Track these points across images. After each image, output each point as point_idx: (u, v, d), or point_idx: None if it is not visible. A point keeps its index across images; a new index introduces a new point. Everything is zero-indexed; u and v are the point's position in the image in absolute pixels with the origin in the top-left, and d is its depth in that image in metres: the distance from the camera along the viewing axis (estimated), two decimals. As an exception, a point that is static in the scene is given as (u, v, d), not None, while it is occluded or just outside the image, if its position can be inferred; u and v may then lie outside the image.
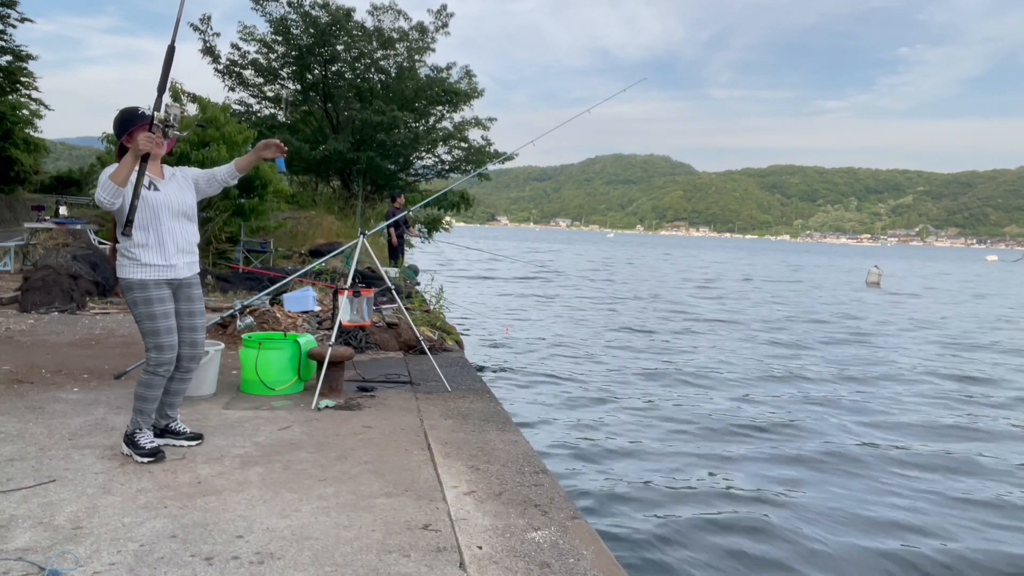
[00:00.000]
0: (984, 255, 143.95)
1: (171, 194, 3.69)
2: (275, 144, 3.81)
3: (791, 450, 7.50)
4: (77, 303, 8.59)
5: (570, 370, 11.39)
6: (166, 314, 3.63)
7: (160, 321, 3.61)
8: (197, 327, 3.83)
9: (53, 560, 2.58)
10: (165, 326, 3.62)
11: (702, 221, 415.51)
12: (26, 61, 27.00)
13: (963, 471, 7.06)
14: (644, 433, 7.91)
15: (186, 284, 3.77)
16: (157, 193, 3.63)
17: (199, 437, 3.95)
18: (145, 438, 3.69)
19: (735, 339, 15.75)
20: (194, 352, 3.85)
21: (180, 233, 3.70)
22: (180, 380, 3.86)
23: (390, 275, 9.35)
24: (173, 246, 3.67)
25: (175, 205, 3.69)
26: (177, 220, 3.69)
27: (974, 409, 9.82)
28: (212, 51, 22.26)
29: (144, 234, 3.58)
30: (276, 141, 3.83)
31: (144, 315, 3.58)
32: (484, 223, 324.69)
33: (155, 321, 3.60)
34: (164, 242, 3.63)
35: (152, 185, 3.62)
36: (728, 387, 10.58)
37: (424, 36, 22.74)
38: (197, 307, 3.83)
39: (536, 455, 4.11)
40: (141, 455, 3.62)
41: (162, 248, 3.63)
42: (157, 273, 3.61)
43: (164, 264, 3.63)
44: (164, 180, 3.72)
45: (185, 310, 3.77)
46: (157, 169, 3.72)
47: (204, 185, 3.93)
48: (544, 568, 2.72)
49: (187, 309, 3.78)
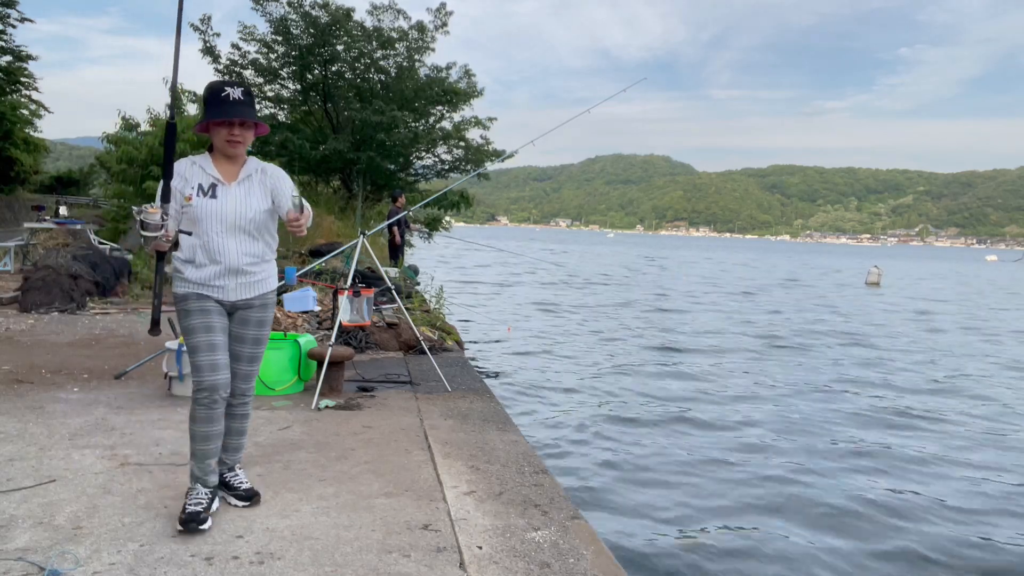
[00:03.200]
0: (984, 255, 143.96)
1: (229, 203, 2.98)
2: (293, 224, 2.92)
3: (792, 451, 7.49)
4: (77, 303, 8.59)
5: (570, 370, 11.39)
6: (207, 327, 2.99)
7: (198, 336, 2.98)
8: (241, 356, 3.12)
9: (53, 560, 2.58)
10: (205, 342, 2.97)
11: (702, 221, 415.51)
12: (26, 61, 27.02)
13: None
14: (645, 433, 7.90)
15: (242, 307, 3.09)
16: (212, 201, 2.96)
17: (253, 497, 3.20)
18: (192, 497, 2.99)
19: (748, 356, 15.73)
20: (233, 384, 3.13)
21: (234, 250, 2.99)
22: (229, 416, 3.16)
23: (390, 275, 9.35)
24: (220, 266, 2.99)
25: (230, 216, 2.98)
26: (231, 235, 2.99)
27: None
28: (212, 51, 22.25)
29: (189, 248, 2.98)
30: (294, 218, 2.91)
31: (184, 330, 3.03)
32: (484, 223, 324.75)
33: (192, 336, 3.00)
34: (210, 259, 2.98)
35: (211, 190, 2.97)
36: (734, 389, 10.58)
37: (424, 35, 22.74)
38: (249, 333, 3.12)
39: (536, 455, 4.12)
40: (180, 517, 2.92)
41: (205, 267, 2.99)
42: (200, 292, 3.02)
43: (206, 283, 3.00)
44: (233, 183, 3.01)
45: (234, 333, 3.11)
46: (229, 167, 3.04)
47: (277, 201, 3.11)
48: (544, 568, 2.72)
49: (236, 332, 3.11)
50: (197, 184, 2.97)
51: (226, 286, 3.02)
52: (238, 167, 3.05)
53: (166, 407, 4.74)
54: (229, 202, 2.99)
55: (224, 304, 3.05)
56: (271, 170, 3.13)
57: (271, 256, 3.17)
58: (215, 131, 2.98)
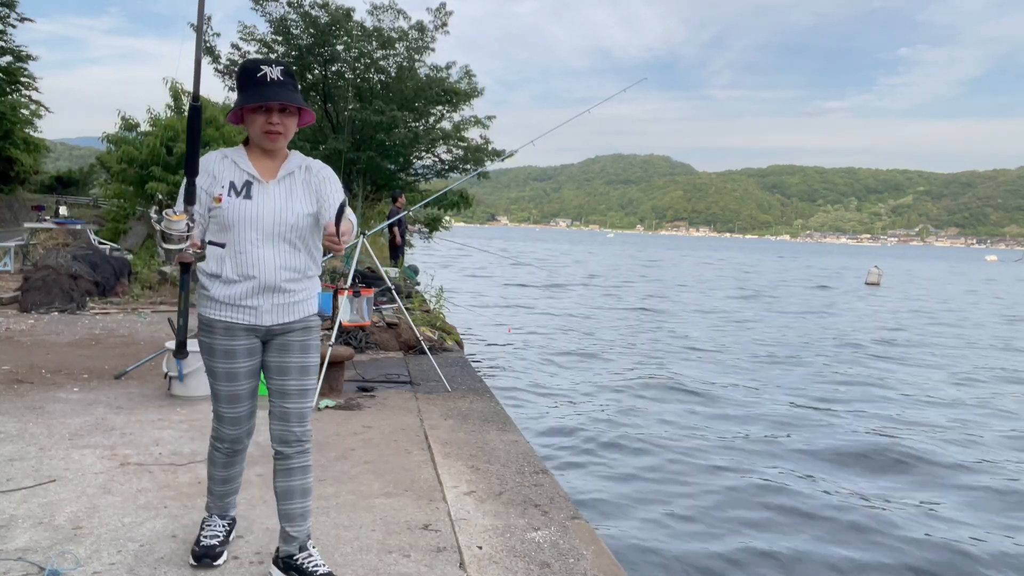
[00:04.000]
0: (984, 255, 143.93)
1: (267, 205, 2.43)
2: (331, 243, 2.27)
3: (793, 452, 7.49)
4: (77, 303, 8.59)
5: (571, 370, 11.39)
6: (230, 374, 2.50)
7: (221, 383, 2.52)
8: (288, 391, 2.53)
9: (53, 560, 2.58)
10: (227, 392, 2.53)
11: (702, 221, 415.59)
12: (26, 62, 27.03)
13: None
14: (646, 433, 7.90)
15: (279, 332, 2.51)
16: (246, 203, 2.41)
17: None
18: (207, 529, 2.70)
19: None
20: (284, 429, 2.54)
21: (271, 263, 2.43)
22: (280, 473, 2.57)
23: (390, 275, 9.35)
24: (253, 282, 2.43)
25: (268, 221, 2.42)
26: (268, 244, 2.43)
27: None
28: (212, 51, 22.25)
29: (216, 260, 2.43)
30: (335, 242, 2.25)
31: (206, 368, 2.54)
32: (484, 223, 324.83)
33: (213, 380, 2.54)
34: (241, 274, 2.42)
35: (245, 189, 2.43)
36: (733, 384, 10.58)
37: (424, 35, 22.74)
38: (293, 362, 2.53)
39: (536, 455, 4.12)
40: (193, 549, 2.65)
41: (235, 283, 2.43)
42: (228, 314, 2.45)
43: (237, 304, 2.44)
44: (273, 181, 2.47)
45: (275, 364, 2.53)
46: (267, 163, 2.50)
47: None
48: (544, 568, 2.72)
49: (277, 363, 2.53)
50: (228, 182, 2.44)
51: (260, 307, 2.45)
52: (278, 163, 2.51)
53: (166, 407, 4.74)
54: (267, 204, 2.43)
55: (257, 330, 2.49)
56: (316, 168, 2.57)
57: (315, 271, 2.60)
58: (250, 119, 2.45)
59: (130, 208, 13.89)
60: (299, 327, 2.54)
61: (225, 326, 2.46)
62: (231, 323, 2.46)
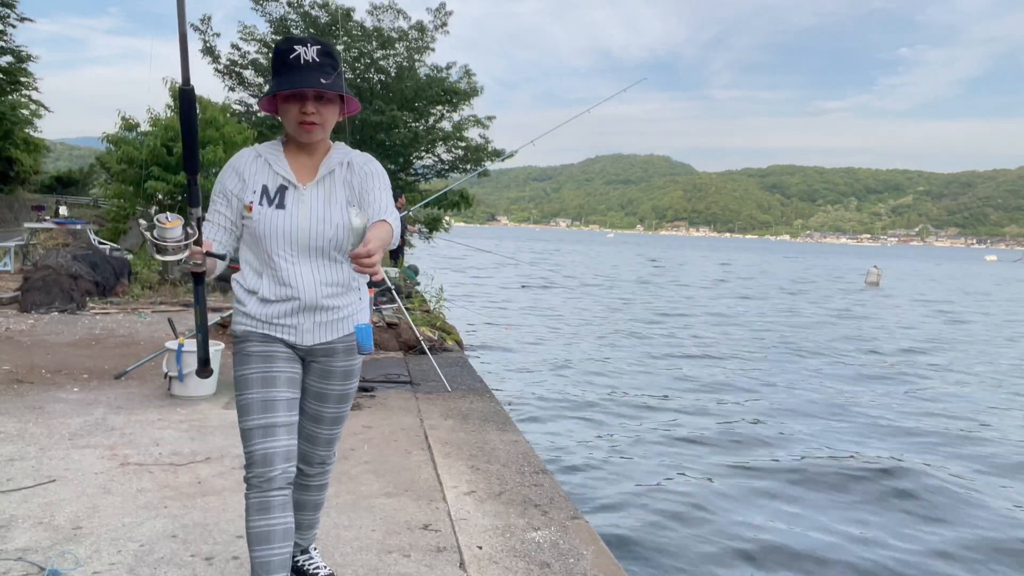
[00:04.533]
0: (984, 255, 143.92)
1: (302, 214, 2.10)
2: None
3: (795, 453, 7.50)
4: (77, 303, 8.59)
5: (571, 369, 11.39)
6: (266, 379, 2.13)
7: (252, 391, 2.12)
8: (323, 417, 2.29)
9: (53, 560, 2.58)
10: (260, 399, 2.11)
11: (702, 221, 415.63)
12: (26, 62, 27.04)
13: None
14: (646, 433, 7.90)
15: (321, 353, 2.22)
16: (278, 213, 2.10)
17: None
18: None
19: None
20: (310, 451, 2.33)
21: (310, 279, 2.12)
22: (297, 487, 2.32)
23: (390, 275, 9.35)
24: (293, 302, 2.13)
25: (303, 234, 2.10)
26: (305, 259, 2.12)
27: None
28: (212, 51, 22.26)
29: (254, 274, 2.15)
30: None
31: (237, 381, 2.16)
32: (484, 223, 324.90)
33: (244, 391, 2.13)
34: (278, 293, 2.12)
35: (278, 196, 2.11)
36: (735, 391, 10.58)
37: (423, 35, 22.75)
38: (333, 390, 2.26)
39: (536, 455, 4.12)
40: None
41: (272, 303, 2.13)
42: (265, 329, 2.16)
43: (274, 322, 2.15)
44: (310, 184, 2.14)
45: (314, 389, 2.26)
46: (306, 160, 2.17)
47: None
48: (544, 568, 2.72)
49: (316, 389, 2.26)
50: (261, 186, 2.11)
51: (300, 326, 2.15)
52: (317, 160, 2.16)
53: (166, 407, 4.74)
54: (302, 213, 2.10)
55: (298, 349, 2.19)
56: (360, 163, 2.18)
57: (359, 281, 2.25)
58: (284, 110, 2.09)
59: (130, 208, 13.89)
60: (342, 348, 2.22)
61: (261, 337, 2.16)
62: (269, 335, 2.16)
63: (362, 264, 1.76)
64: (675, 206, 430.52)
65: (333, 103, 2.12)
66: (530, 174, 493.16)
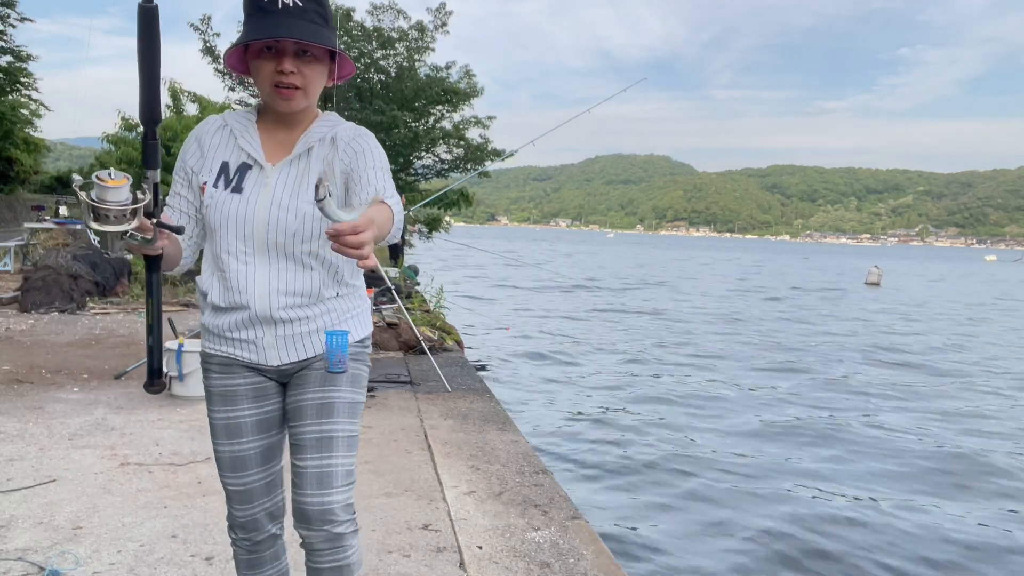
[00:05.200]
0: (984, 255, 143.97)
1: (259, 202, 1.65)
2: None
3: (794, 455, 7.49)
4: (77, 303, 8.59)
5: (571, 369, 11.39)
6: (230, 428, 1.74)
7: (220, 442, 1.76)
8: (303, 443, 1.70)
9: (53, 560, 2.58)
10: (227, 453, 1.75)
11: (702, 221, 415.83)
12: (26, 61, 27.05)
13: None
14: (646, 433, 7.90)
15: (294, 371, 1.75)
16: (233, 198, 1.66)
17: None
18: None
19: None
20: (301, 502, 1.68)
21: (263, 282, 1.66)
22: (309, 570, 1.76)
23: (390, 275, 9.36)
24: (245, 312, 1.67)
25: (259, 226, 1.65)
26: (263, 255, 1.66)
27: None
28: (212, 51, 22.26)
29: (207, 275, 1.73)
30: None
31: (209, 422, 1.79)
32: (484, 223, 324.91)
33: (213, 439, 1.78)
34: (229, 300, 1.68)
35: (237, 176, 1.68)
36: (736, 390, 10.58)
37: (423, 35, 22.75)
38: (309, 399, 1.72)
39: (536, 455, 4.12)
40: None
41: (224, 312, 1.70)
42: (223, 348, 1.72)
43: (229, 336, 1.71)
44: (278, 164, 1.68)
45: (289, 406, 1.76)
46: (282, 135, 1.71)
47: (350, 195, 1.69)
48: (544, 568, 2.72)
49: (291, 404, 1.75)
50: (220, 163, 1.70)
51: (259, 340, 1.69)
52: (297, 134, 1.70)
53: (166, 407, 4.74)
54: (261, 199, 1.65)
55: (264, 371, 1.74)
56: (346, 137, 1.68)
57: (350, 287, 1.77)
58: (256, 67, 1.63)
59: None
60: (312, 367, 1.73)
61: (221, 361, 1.73)
62: (228, 358, 1.72)
63: (346, 245, 1.24)
64: (675, 206, 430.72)
65: (320, 62, 1.64)
66: (530, 174, 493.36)
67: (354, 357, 1.76)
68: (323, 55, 1.65)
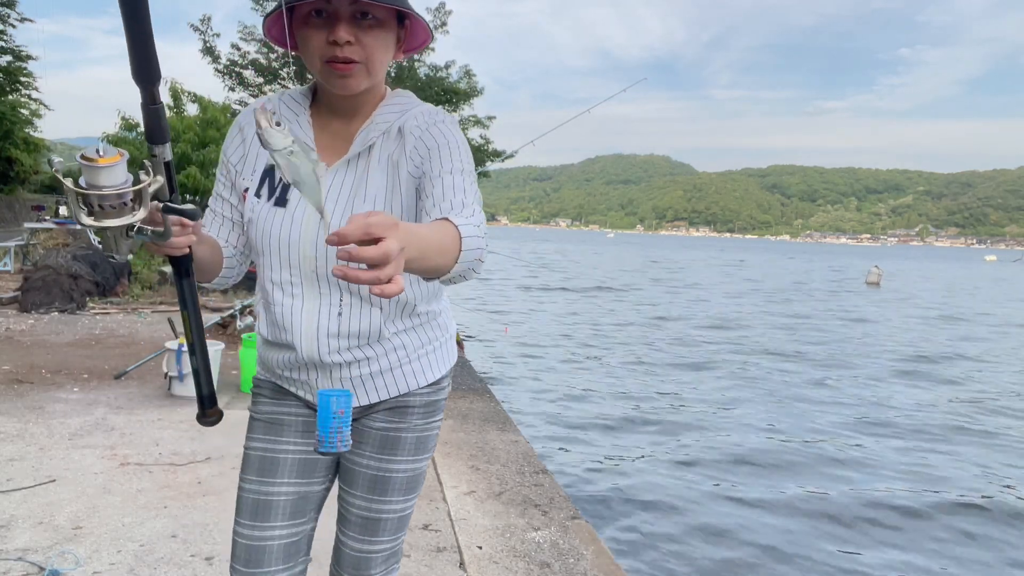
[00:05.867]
0: (984, 255, 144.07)
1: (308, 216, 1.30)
2: None
3: (794, 454, 7.50)
4: (77, 303, 8.60)
5: (571, 370, 11.39)
6: (265, 463, 1.43)
7: (248, 479, 1.44)
8: (349, 516, 1.51)
9: (53, 560, 2.58)
10: (252, 493, 1.43)
11: (702, 221, 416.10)
12: (26, 61, 27.07)
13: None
14: (645, 433, 7.91)
15: (355, 416, 1.43)
16: (276, 213, 1.32)
17: None
18: None
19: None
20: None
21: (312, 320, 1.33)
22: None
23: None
24: (293, 354, 1.36)
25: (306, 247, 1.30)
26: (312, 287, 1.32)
27: None
28: (212, 51, 22.27)
29: (258, 301, 1.44)
30: None
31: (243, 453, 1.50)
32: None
33: (242, 472, 1.46)
34: (275, 336, 1.38)
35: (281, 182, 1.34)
36: (736, 391, 10.59)
37: (423, 36, 22.78)
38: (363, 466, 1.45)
39: (536, 455, 4.12)
40: None
41: (273, 347, 1.41)
42: (275, 380, 1.46)
43: (279, 372, 1.42)
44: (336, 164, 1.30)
45: (344, 466, 1.48)
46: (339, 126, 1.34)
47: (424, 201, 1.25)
48: (544, 568, 2.72)
49: (346, 466, 1.48)
50: (265, 163, 1.35)
51: (311, 382, 1.39)
52: (356, 125, 1.33)
53: (166, 407, 4.74)
54: (308, 217, 1.30)
55: None
56: (420, 126, 1.30)
57: (423, 316, 1.42)
58: (303, 38, 1.26)
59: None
60: (384, 407, 1.42)
61: (274, 387, 1.46)
62: (282, 386, 1.45)
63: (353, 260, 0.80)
64: (675, 206, 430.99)
65: (384, 28, 1.25)
66: (530, 174, 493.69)
67: (423, 410, 1.44)
68: (389, 18, 1.25)
